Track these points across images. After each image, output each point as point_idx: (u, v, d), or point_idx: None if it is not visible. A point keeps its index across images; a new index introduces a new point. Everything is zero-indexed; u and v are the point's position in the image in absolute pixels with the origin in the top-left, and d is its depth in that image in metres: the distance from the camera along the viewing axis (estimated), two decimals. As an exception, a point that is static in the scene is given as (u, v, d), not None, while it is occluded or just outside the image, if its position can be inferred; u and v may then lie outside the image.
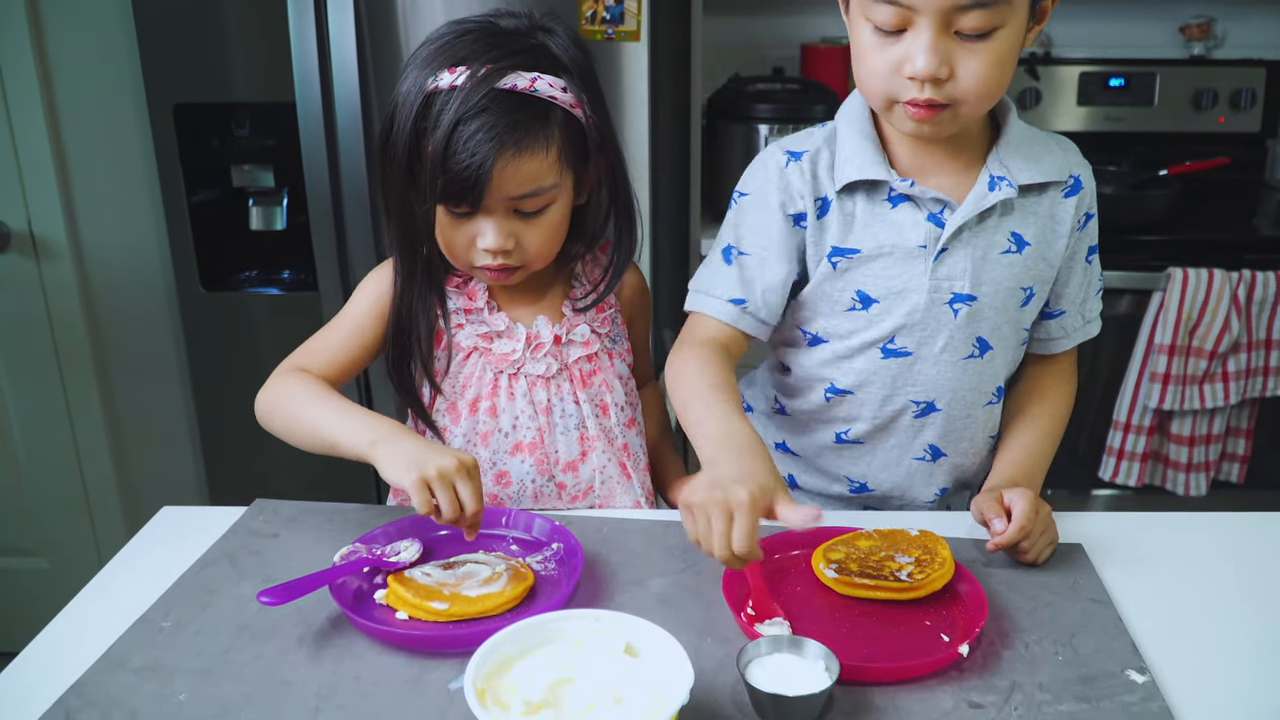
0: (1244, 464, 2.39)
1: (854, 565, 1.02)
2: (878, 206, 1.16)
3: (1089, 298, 1.27)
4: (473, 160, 1.09)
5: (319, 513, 1.21)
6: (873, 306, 1.18)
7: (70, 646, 0.98)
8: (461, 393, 1.26)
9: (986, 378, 1.23)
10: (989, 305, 1.18)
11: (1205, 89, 2.67)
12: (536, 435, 1.25)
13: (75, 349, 2.29)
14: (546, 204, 1.16)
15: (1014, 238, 1.17)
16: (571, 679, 0.82)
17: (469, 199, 1.12)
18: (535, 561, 1.08)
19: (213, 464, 2.28)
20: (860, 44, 1.08)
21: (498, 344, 1.25)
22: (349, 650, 0.95)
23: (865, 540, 1.08)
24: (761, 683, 0.85)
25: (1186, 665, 0.94)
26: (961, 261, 1.15)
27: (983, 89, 1.05)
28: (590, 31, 1.90)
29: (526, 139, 1.11)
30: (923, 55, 1.02)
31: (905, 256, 1.16)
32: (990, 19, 1.01)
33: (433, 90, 1.11)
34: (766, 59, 2.74)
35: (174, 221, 2.11)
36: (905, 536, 1.08)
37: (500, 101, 1.10)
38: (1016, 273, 1.18)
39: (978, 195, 1.14)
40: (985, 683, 0.90)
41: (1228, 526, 1.20)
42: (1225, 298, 2.20)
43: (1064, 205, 1.19)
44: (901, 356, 1.19)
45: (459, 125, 1.09)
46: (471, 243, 1.17)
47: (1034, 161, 1.16)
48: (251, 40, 1.99)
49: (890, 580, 1.00)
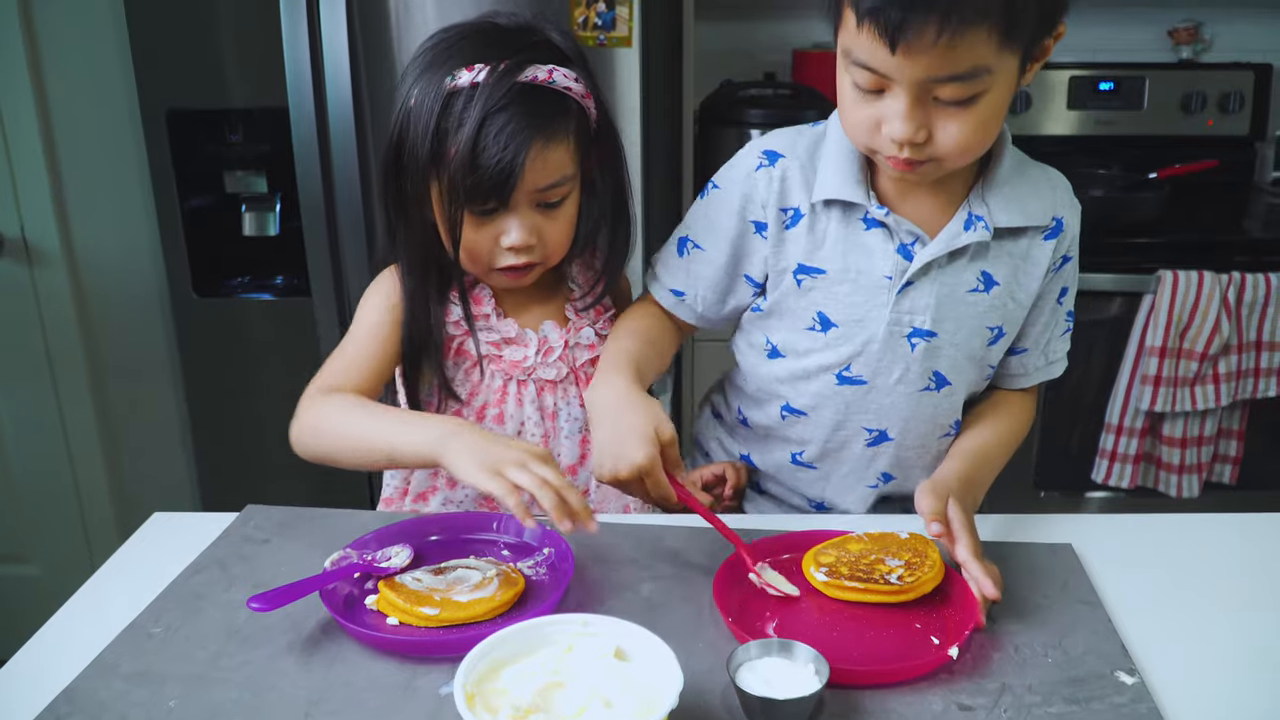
0: (1236, 465, 2.39)
1: (844, 569, 1.02)
2: (851, 226, 1.15)
3: (1054, 338, 1.25)
4: (504, 154, 1.09)
5: (310, 518, 1.21)
6: (831, 330, 1.17)
7: (61, 652, 0.98)
8: (469, 400, 1.26)
9: (943, 411, 1.22)
10: (949, 342, 1.17)
11: (1194, 92, 2.68)
12: (541, 440, 1.25)
13: (68, 354, 2.29)
14: (566, 195, 1.17)
15: (983, 276, 1.15)
16: (561, 683, 0.82)
17: (499, 194, 1.12)
18: (526, 566, 1.08)
19: (205, 470, 2.28)
20: (843, 93, 1.06)
21: (508, 351, 1.25)
22: (339, 656, 0.95)
23: (856, 544, 1.08)
24: (752, 686, 0.85)
25: (1176, 667, 0.94)
26: (925, 297, 1.14)
27: (965, 149, 1.03)
28: (582, 37, 1.91)
29: (553, 129, 1.12)
30: (899, 122, 1.00)
31: (870, 285, 1.15)
32: (969, 88, 0.98)
33: (452, 90, 1.11)
34: (758, 64, 2.74)
35: (167, 227, 2.11)
36: (895, 539, 1.08)
37: (525, 94, 1.11)
38: (981, 311, 1.16)
39: (951, 233, 1.12)
40: (975, 685, 0.90)
41: (1220, 528, 1.21)
42: (1215, 300, 2.21)
43: (1042, 247, 1.17)
44: (856, 384, 1.19)
45: (486, 121, 1.09)
46: (495, 243, 1.16)
47: (1017, 203, 1.14)
48: (244, 46, 1.99)
49: (880, 583, 1.00)
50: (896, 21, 0.93)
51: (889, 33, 0.94)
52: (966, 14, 0.92)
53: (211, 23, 1.98)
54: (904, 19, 0.92)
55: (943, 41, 0.93)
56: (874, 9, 0.94)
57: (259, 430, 2.10)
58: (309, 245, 2.03)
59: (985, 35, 0.94)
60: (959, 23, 0.92)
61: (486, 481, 0.97)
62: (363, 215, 2.00)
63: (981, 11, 0.93)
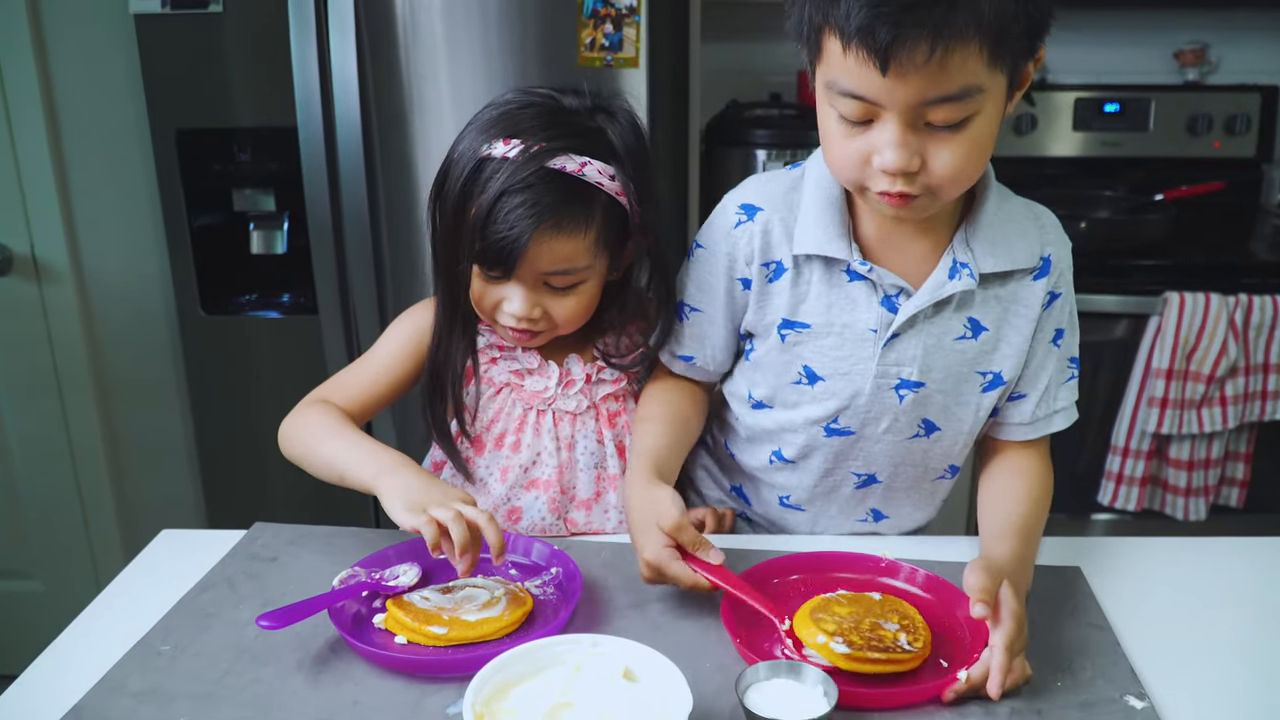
0: (1243, 488, 2.38)
1: (857, 638, 0.95)
2: (834, 279, 1.12)
3: (1054, 384, 1.17)
4: (510, 233, 1.10)
5: (318, 536, 1.21)
6: (818, 384, 1.16)
7: (69, 670, 0.98)
8: (489, 427, 1.26)
9: (934, 455, 1.20)
10: (937, 390, 1.14)
11: (1200, 114, 2.68)
12: (555, 472, 1.25)
13: (76, 372, 2.29)
14: (577, 282, 1.18)
15: (970, 323, 1.12)
16: (570, 703, 0.82)
17: (502, 267, 1.14)
18: (534, 586, 1.08)
19: (211, 487, 2.27)
20: (827, 130, 1.02)
21: (529, 380, 1.26)
22: (348, 674, 0.95)
23: (842, 606, 1.00)
24: (760, 708, 0.85)
25: (1186, 691, 0.94)
26: (912, 348, 1.12)
27: (960, 176, 0.99)
28: (589, 59, 1.92)
29: (566, 220, 1.12)
30: (891, 150, 0.96)
31: (855, 338, 1.13)
32: (961, 110, 0.95)
33: (485, 157, 1.13)
34: (764, 85, 2.75)
35: (175, 245, 2.12)
36: (870, 601, 1.01)
37: (546, 180, 1.12)
38: (970, 358, 1.13)
39: (935, 284, 1.09)
40: (984, 708, 0.90)
41: (1228, 551, 1.20)
42: (1222, 322, 2.21)
43: (1030, 288, 1.13)
44: (844, 435, 1.18)
45: (503, 196, 1.11)
46: (499, 305, 1.18)
47: (1003, 246, 1.10)
48: (253, 65, 2.00)
49: (898, 651, 0.94)
50: (887, 40, 0.90)
51: (879, 53, 0.91)
52: (957, 28, 0.90)
53: (221, 43, 1.99)
54: (894, 37, 0.90)
55: (934, 60, 0.91)
56: (862, 28, 0.90)
57: (265, 448, 2.09)
58: (316, 264, 2.03)
59: (975, 51, 0.92)
60: (950, 38, 0.90)
61: (410, 520, 1.01)
62: (370, 234, 2.00)
63: (972, 26, 0.91)
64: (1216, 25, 2.73)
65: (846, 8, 0.91)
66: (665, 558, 1.02)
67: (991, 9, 0.91)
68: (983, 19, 0.91)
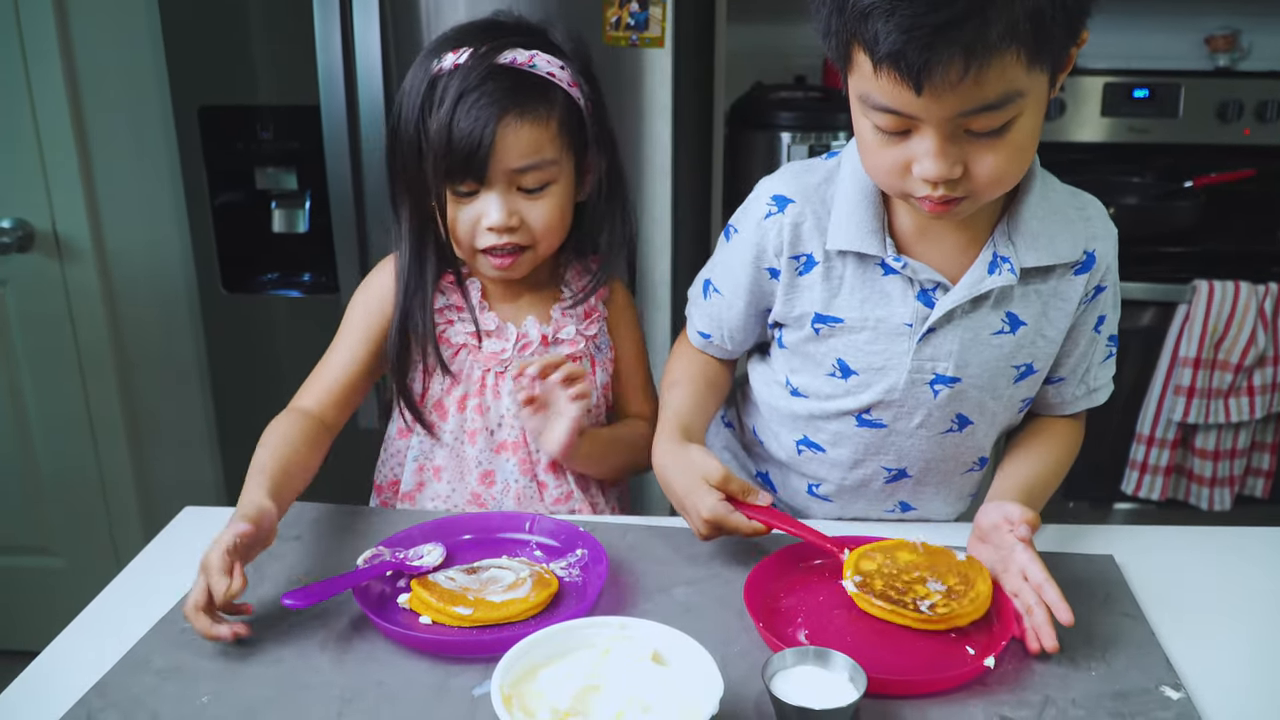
0: (1269, 479, 2.36)
1: (879, 582, 0.99)
2: (868, 273, 1.10)
3: (1094, 365, 1.18)
4: (475, 126, 1.12)
5: (341, 515, 1.21)
6: (852, 378, 1.14)
7: (92, 646, 0.98)
8: (449, 390, 1.26)
9: (966, 449, 1.19)
10: (973, 385, 1.12)
11: (1231, 100, 2.64)
12: (519, 434, 1.26)
13: (97, 349, 2.30)
14: (548, 180, 1.18)
15: (1008, 318, 1.09)
16: (598, 687, 0.81)
17: (473, 169, 1.14)
18: (559, 567, 1.07)
19: (231, 465, 2.28)
20: (863, 138, 0.99)
21: (487, 343, 1.25)
22: (372, 654, 0.95)
23: (907, 553, 1.03)
24: (787, 695, 0.84)
25: (1221, 682, 0.92)
26: (948, 344, 1.10)
27: (1004, 178, 0.97)
28: (614, 38, 1.90)
29: (528, 108, 1.14)
30: (930, 161, 0.93)
31: (889, 333, 1.10)
32: (1002, 116, 0.91)
33: (436, 73, 1.15)
34: (789, 67, 2.73)
35: (197, 223, 2.12)
36: (950, 559, 1.02)
37: (500, 74, 1.14)
38: (1007, 353, 1.11)
39: (974, 279, 1.07)
40: (1017, 697, 0.89)
41: (1259, 541, 1.19)
42: (1252, 310, 2.18)
43: (1072, 283, 1.10)
44: (877, 428, 1.16)
45: (461, 99, 1.12)
46: (476, 224, 1.18)
47: (1046, 239, 1.07)
48: (276, 43, 1.99)
49: (909, 608, 0.96)
50: (920, 64, 0.86)
51: (913, 76, 0.87)
52: (992, 42, 0.85)
53: (244, 20, 1.98)
54: (927, 60, 0.85)
55: (970, 76, 0.87)
56: (893, 54, 0.87)
57: (285, 427, 2.10)
58: (338, 242, 2.03)
59: (1014, 60, 0.88)
60: (985, 53, 0.86)
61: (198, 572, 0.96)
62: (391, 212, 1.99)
63: (1007, 36, 0.86)
64: (1249, 11, 2.69)
65: (875, 31, 0.87)
66: (723, 510, 1.04)
67: (1025, 12, 0.86)
68: (1018, 26, 0.86)
